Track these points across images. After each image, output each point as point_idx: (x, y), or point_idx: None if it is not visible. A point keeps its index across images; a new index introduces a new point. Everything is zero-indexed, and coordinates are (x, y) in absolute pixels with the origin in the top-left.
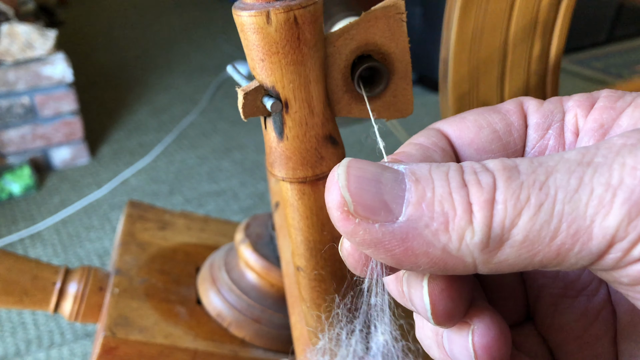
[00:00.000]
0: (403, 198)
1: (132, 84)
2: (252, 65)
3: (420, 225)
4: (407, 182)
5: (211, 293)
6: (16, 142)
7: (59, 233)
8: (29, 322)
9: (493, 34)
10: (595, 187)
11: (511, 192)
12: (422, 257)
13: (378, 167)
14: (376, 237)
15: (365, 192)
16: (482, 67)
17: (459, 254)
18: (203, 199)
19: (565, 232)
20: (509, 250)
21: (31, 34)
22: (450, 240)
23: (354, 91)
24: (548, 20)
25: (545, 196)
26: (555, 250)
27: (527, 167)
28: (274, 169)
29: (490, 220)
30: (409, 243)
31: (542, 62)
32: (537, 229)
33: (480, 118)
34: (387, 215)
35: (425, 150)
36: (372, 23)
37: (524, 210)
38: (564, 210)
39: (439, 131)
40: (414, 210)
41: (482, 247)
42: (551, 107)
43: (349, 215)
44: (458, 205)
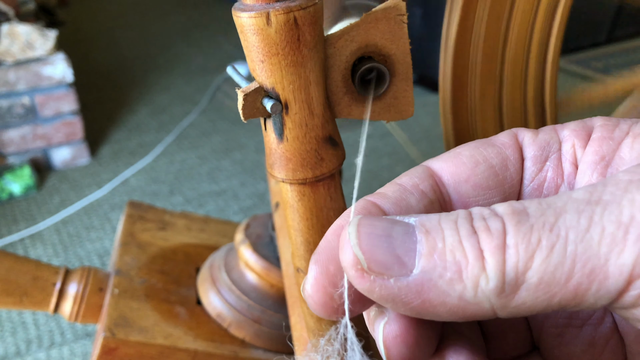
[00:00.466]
0: (415, 251)
1: (133, 84)
2: (252, 66)
3: (434, 276)
4: (418, 234)
5: (211, 293)
6: (16, 142)
7: (59, 233)
8: (29, 322)
9: (493, 34)
10: (606, 225)
11: (522, 236)
12: (440, 307)
13: (388, 222)
14: (392, 292)
15: (377, 248)
16: (481, 66)
17: (475, 300)
18: (203, 199)
19: (580, 272)
20: (526, 293)
21: (31, 34)
22: (465, 289)
23: (354, 92)
24: (546, 19)
25: (557, 237)
26: (573, 290)
27: (536, 209)
28: (274, 170)
29: (503, 265)
30: (425, 295)
31: (540, 59)
32: (551, 270)
33: (476, 153)
34: (400, 269)
35: (402, 192)
36: (372, 24)
37: (536, 253)
38: (576, 250)
39: (426, 170)
40: (427, 262)
41: (498, 293)
42: (547, 138)
43: (363, 273)
44: (469, 253)
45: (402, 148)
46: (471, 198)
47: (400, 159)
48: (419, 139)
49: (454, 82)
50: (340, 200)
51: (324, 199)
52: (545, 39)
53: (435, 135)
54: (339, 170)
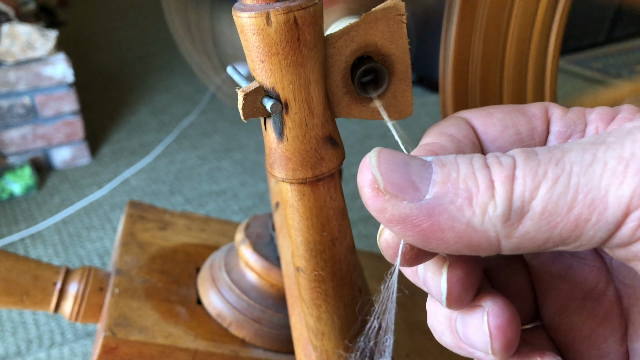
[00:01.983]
0: (430, 179)
1: (133, 84)
2: (252, 66)
3: (445, 201)
4: (434, 166)
5: (211, 293)
6: (17, 142)
7: (60, 233)
8: (30, 322)
9: (493, 34)
10: (608, 160)
11: (529, 168)
12: (447, 232)
13: (407, 156)
14: (404, 213)
15: (394, 172)
16: (481, 66)
17: (482, 227)
18: (203, 199)
19: (581, 202)
20: (529, 222)
21: (32, 34)
22: (474, 215)
23: (354, 92)
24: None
25: (562, 170)
26: (574, 221)
27: (544, 150)
28: (274, 169)
29: (510, 194)
30: (435, 218)
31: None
32: (554, 200)
33: (507, 117)
34: (414, 193)
35: (457, 143)
36: (372, 24)
37: (542, 184)
38: (579, 182)
39: (467, 122)
40: (440, 188)
41: (504, 220)
42: (574, 118)
43: (379, 192)
44: (481, 183)
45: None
46: None
47: None
48: (418, 139)
49: (454, 82)
50: (341, 199)
51: (324, 198)
52: (545, 39)
53: None
54: (339, 170)
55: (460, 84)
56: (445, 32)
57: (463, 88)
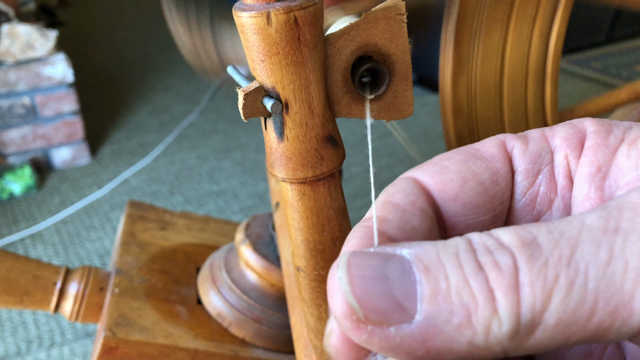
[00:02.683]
0: (415, 292)
1: (133, 84)
2: (252, 66)
3: (440, 322)
4: (416, 272)
5: (211, 293)
6: (17, 142)
7: (60, 233)
8: (30, 322)
9: (493, 34)
10: (629, 258)
11: (536, 272)
12: (447, 355)
13: (381, 260)
14: (394, 343)
15: (372, 293)
16: (481, 66)
17: (487, 345)
18: (203, 199)
19: (603, 310)
20: (542, 334)
21: (32, 34)
22: (476, 334)
23: (354, 92)
24: (546, 19)
25: (575, 273)
26: (593, 329)
27: (547, 239)
28: (274, 169)
29: (517, 307)
30: (431, 343)
31: (540, 59)
32: (571, 310)
33: (464, 168)
34: (401, 316)
35: (402, 213)
36: (372, 24)
37: (554, 292)
38: (598, 288)
39: (417, 184)
40: (431, 306)
41: (512, 336)
42: (538, 149)
43: (359, 323)
44: (478, 294)
45: (402, 148)
46: (460, 217)
47: (400, 159)
48: (418, 139)
49: (454, 82)
50: (341, 199)
51: (324, 198)
52: (546, 38)
53: (435, 135)
54: (339, 170)
55: (460, 83)
56: (445, 32)
57: (463, 88)
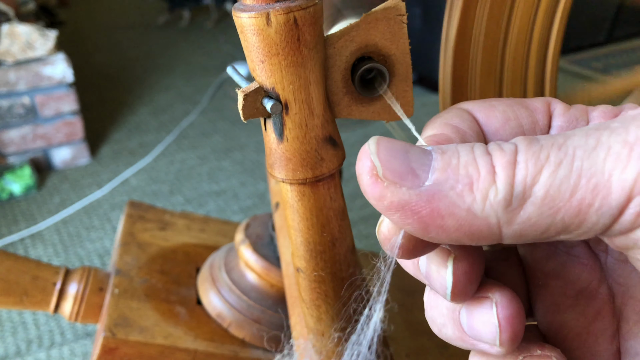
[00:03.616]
0: (429, 166)
1: (133, 84)
2: (252, 66)
3: (445, 187)
4: (434, 153)
5: (211, 293)
6: (17, 142)
7: (60, 233)
8: (30, 322)
9: (493, 34)
10: (612, 144)
11: (532, 153)
12: (448, 219)
13: (406, 143)
14: (403, 199)
15: (394, 159)
16: (481, 66)
17: (483, 214)
18: (203, 199)
19: (584, 186)
20: (531, 208)
21: (32, 34)
22: (474, 200)
23: (354, 93)
24: (546, 19)
25: (564, 154)
26: (576, 206)
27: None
28: (274, 170)
29: (512, 179)
30: (435, 204)
31: (540, 59)
32: (557, 184)
33: (509, 110)
34: (414, 180)
35: (462, 134)
36: (372, 24)
37: (544, 168)
38: (582, 166)
39: (469, 114)
40: (440, 175)
41: (506, 205)
42: (576, 114)
43: (377, 179)
44: (482, 168)
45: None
46: None
47: None
48: None
49: (454, 82)
50: (341, 200)
51: (324, 199)
52: (545, 39)
53: None
54: (339, 170)
55: (460, 84)
56: (446, 32)
57: (463, 88)
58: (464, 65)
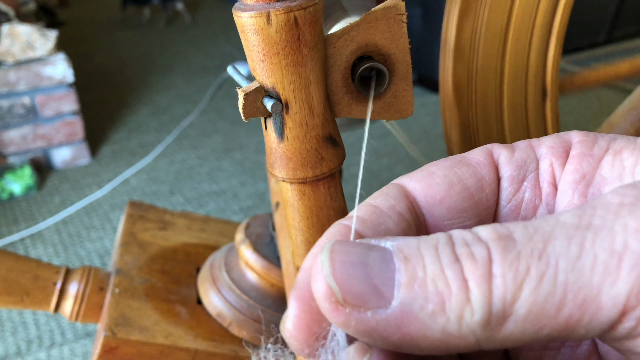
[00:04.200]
0: (393, 279)
1: (133, 84)
2: (252, 66)
3: (415, 308)
4: (396, 261)
5: (211, 293)
6: (17, 142)
7: (60, 233)
8: (30, 322)
9: (493, 33)
10: (598, 252)
11: (509, 264)
12: (421, 341)
13: (363, 248)
14: (370, 327)
15: (352, 278)
16: (481, 66)
17: (459, 333)
18: (203, 199)
19: (571, 302)
20: (513, 326)
21: (32, 34)
22: (449, 321)
23: (354, 92)
24: (546, 19)
25: (546, 266)
26: (563, 322)
27: (522, 234)
28: (274, 169)
29: (489, 296)
30: (406, 329)
31: (541, 59)
32: (540, 301)
33: (451, 174)
34: (378, 301)
35: (379, 215)
36: (372, 24)
37: (524, 283)
38: (567, 280)
39: (401, 190)
40: (407, 293)
41: (484, 325)
42: (523, 156)
43: (338, 305)
44: (452, 283)
45: (402, 148)
46: (445, 221)
47: (400, 159)
48: (418, 139)
49: (454, 82)
50: (341, 199)
51: (324, 198)
52: (546, 38)
53: (435, 135)
54: (339, 170)
55: (461, 84)
56: (446, 32)
57: (463, 88)
58: (464, 65)
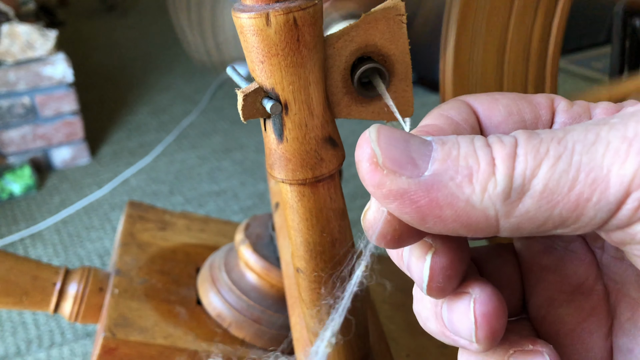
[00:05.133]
0: (429, 156)
1: (132, 84)
2: (251, 67)
3: (445, 178)
4: (434, 144)
5: (211, 294)
6: (17, 142)
7: (60, 233)
8: (30, 322)
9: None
10: (611, 139)
11: (531, 146)
12: (446, 209)
13: (407, 133)
14: (402, 188)
15: (394, 147)
16: (481, 66)
17: (482, 205)
18: (203, 199)
19: (583, 181)
20: (530, 201)
21: (32, 34)
22: (474, 192)
23: (353, 93)
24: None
25: (564, 149)
26: (574, 200)
27: (547, 130)
28: (274, 170)
29: (512, 171)
30: (434, 194)
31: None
32: (556, 178)
33: (512, 104)
34: (413, 170)
35: (456, 127)
36: (372, 25)
37: (543, 161)
38: (581, 160)
39: (469, 106)
40: (440, 165)
41: (505, 198)
42: (579, 110)
43: (377, 167)
44: (482, 160)
45: None
46: None
47: None
48: None
49: (454, 82)
50: (340, 200)
51: (323, 199)
52: (545, 38)
53: None
54: (338, 171)
55: (461, 84)
56: (446, 32)
57: (463, 88)
58: (464, 65)
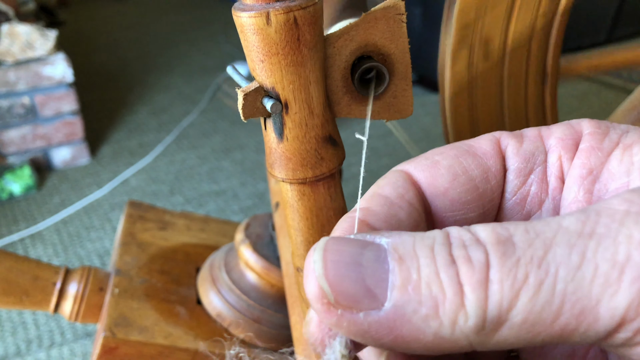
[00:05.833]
0: (387, 281)
1: (132, 84)
2: (252, 66)
3: (408, 311)
4: (390, 261)
5: (211, 293)
6: (16, 142)
7: (60, 233)
8: (30, 322)
9: (493, 33)
10: (599, 263)
11: (507, 271)
12: (413, 344)
13: (357, 246)
14: (362, 328)
15: (345, 278)
16: (481, 65)
17: (452, 338)
18: (203, 199)
19: (569, 312)
20: (508, 331)
21: (31, 34)
22: (442, 326)
23: (354, 92)
24: (546, 19)
25: (545, 274)
26: (559, 330)
27: (523, 239)
28: (274, 169)
29: (485, 303)
30: (398, 331)
31: (541, 58)
32: (537, 310)
33: (456, 164)
34: (371, 303)
35: (390, 206)
36: (372, 24)
37: (522, 291)
38: (566, 290)
39: (407, 178)
40: (400, 295)
41: (478, 330)
42: (532, 149)
43: (330, 307)
44: (447, 287)
45: (402, 148)
46: (448, 213)
47: (400, 159)
48: (418, 139)
49: (454, 82)
50: (341, 199)
51: (324, 198)
52: (546, 38)
53: (435, 135)
54: (339, 170)
55: (460, 83)
56: (445, 32)
57: (463, 88)
58: (464, 64)
